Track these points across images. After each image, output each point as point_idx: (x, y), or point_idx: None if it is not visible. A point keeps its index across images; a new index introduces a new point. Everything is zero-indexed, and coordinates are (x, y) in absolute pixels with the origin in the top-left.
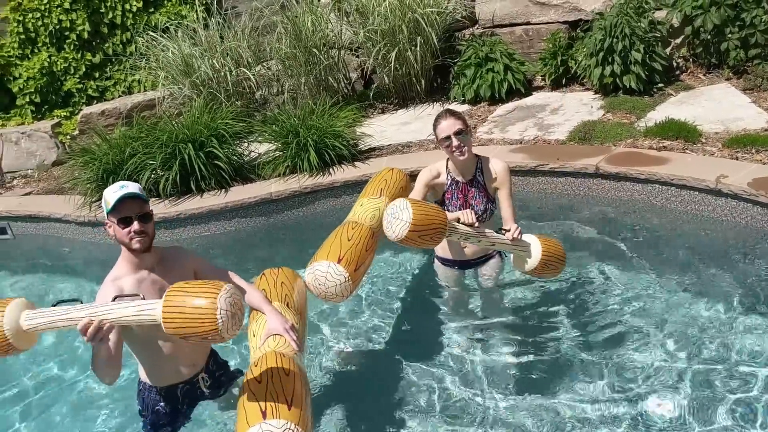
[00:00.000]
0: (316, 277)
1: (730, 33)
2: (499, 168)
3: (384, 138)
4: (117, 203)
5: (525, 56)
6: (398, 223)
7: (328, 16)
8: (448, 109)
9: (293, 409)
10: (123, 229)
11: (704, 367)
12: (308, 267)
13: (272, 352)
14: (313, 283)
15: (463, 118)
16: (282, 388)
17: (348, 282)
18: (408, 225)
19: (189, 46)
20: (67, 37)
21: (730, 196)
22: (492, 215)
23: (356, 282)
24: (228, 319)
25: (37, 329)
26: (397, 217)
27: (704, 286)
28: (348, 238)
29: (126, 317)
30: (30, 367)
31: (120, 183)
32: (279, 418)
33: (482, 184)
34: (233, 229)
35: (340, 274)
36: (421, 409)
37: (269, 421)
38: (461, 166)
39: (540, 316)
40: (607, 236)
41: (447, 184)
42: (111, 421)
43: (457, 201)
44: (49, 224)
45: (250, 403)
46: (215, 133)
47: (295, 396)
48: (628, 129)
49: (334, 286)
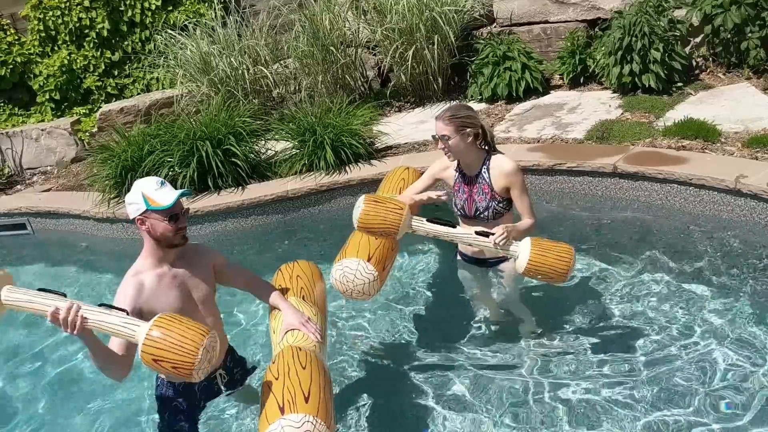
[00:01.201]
0: (345, 273)
1: (751, 32)
2: (506, 168)
3: (400, 136)
4: (174, 202)
5: (543, 55)
6: (354, 214)
7: (346, 14)
8: (446, 109)
9: (311, 401)
10: (170, 225)
11: (724, 368)
12: (336, 263)
13: (288, 347)
14: (340, 280)
15: (456, 122)
16: (299, 382)
17: (376, 281)
18: (356, 222)
19: (207, 44)
20: (87, 35)
21: (749, 196)
22: (498, 215)
23: (383, 281)
24: (204, 360)
25: (12, 305)
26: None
27: (723, 287)
28: (375, 237)
29: (105, 324)
30: (39, 362)
31: (155, 179)
32: (297, 412)
33: (487, 182)
34: (250, 227)
35: (369, 272)
36: (437, 403)
37: (287, 416)
38: (465, 161)
39: (558, 316)
40: (625, 236)
41: (455, 176)
42: (124, 417)
43: (463, 194)
44: (68, 220)
45: (269, 401)
46: (233, 130)
47: (313, 388)
48: (646, 128)
49: (362, 284)
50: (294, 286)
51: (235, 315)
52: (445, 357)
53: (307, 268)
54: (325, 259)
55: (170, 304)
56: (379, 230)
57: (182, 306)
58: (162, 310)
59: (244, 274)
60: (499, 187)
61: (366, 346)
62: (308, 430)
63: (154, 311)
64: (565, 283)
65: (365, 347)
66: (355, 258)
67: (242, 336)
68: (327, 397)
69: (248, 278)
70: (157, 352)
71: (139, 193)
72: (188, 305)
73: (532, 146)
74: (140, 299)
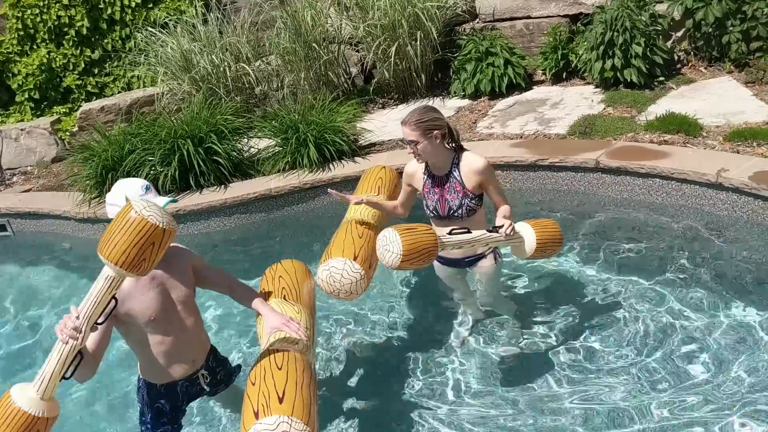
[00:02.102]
0: (332, 273)
1: (732, 26)
2: (477, 165)
3: (384, 133)
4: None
5: (525, 50)
6: (390, 255)
7: (328, 10)
8: (411, 113)
9: (286, 401)
10: None
11: (703, 360)
12: (322, 264)
13: (265, 351)
14: (327, 280)
15: (419, 126)
16: (273, 384)
17: (363, 280)
18: (399, 257)
19: (188, 42)
20: (66, 33)
21: (731, 189)
22: (471, 212)
23: (369, 280)
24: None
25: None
26: (389, 249)
27: (705, 280)
28: (359, 236)
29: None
30: (24, 364)
31: (139, 182)
32: (270, 415)
33: (458, 180)
34: (233, 225)
35: (356, 271)
36: (420, 404)
37: (261, 420)
38: (435, 162)
39: (540, 312)
40: (608, 231)
41: (424, 179)
42: (109, 419)
43: (434, 195)
44: (49, 221)
45: (245, 408)
46: (214, 128)
47: (288, 388)
48: (628, 123)
49: (349, 283)
50: (276, 287)
51: (217, 315)
52: (430, 357)
53: (290, 267)
54: (309, 257)
55: (148, 304)
56: (421, 259)
57: (161, 307)
58: (140, 311)
59: (224, 278)
60: (472, 185)
61: (349, 348)
62: (285, 430)
63: (132, 313)
64: (546, 280)
65: (349, 350)
66: (341, 257)
67: (224, 336)
68: (305, 393)
69: (228, 282)
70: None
71: (122, 197)
72: (167, 306)
73: (514, 142)
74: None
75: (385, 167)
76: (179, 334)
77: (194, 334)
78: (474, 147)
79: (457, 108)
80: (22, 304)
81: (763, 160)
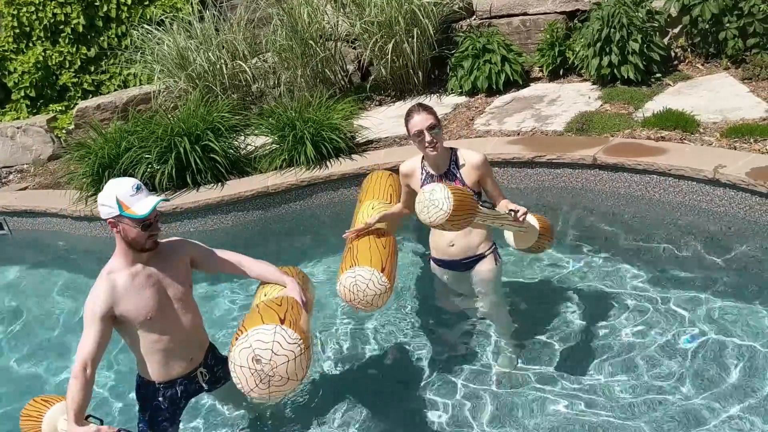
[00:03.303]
0: (357, 282)
1: (729, 22)
2: (475, 161)
3: (381, 131)
4: (150, 213)
5: (522, 47)
6: (437, 211)
7: (325, 7)
8: (420, 104)
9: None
10: (143, 232)
11: (702, 355)
12: (347, 270)
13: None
14: (350, 289)
15: (434, 112)
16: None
17: (386, 294)
18: (448, 213)
19: (184, 39)
20: (62, 30)
21: (728, 186)
22: None
23: (390, 295)
24: None
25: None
26: (437, 205)
27: (702, 276)
28: (383, 246)
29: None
30: (20, 361)
31: (130, 182)
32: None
33: (458, 177)
34: (230, 223)
35: (382, 284)
36: (414, 407)
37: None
38: (434, 159)
39: (540, 310)
40: (605, 227)
41: (422, 178)
42: (109, 418)
43: None
44: (46, 219)
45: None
46: (211, 126)
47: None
48: (625, 119)
49: (372, 295)
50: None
51: (216, 313)
52: (428, 358)
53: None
54: (306, 255)
55: (144, 303)
56: (462, 220)
57: (157, 304)
58: (136, 310)
59: (229, 257)
60: (472, 181)
61: (347, 350)
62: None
63: (127, 311)
64: (545, 277)
65: (346, 352)
66: (369, 267)
67: (224, 334)
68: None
69: (235, 259)
70: None
71: (112, 197)
72: (164, 303)
73: (512, 139)
74: (112, 299)
75: (392, 174)
76: (177, 333)
77: (192, 332)
78: (471, 144)
79: (454, 105)
80: (18, 302)
81: (760, 157)
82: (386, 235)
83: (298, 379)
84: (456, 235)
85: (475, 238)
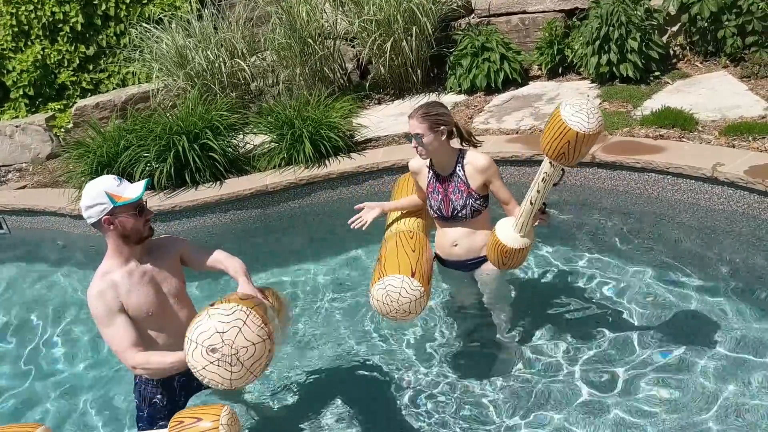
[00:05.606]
0: (388, 292)
1: (727, 20)
2: (481, 163)
3: (380, 129)
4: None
5: (521, 45)
6: (590, 118)
7: (323, 5)
8: (419, 106)
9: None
10: (140, 217)
11: (698, 356)
12: (377, 282)
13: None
14: (383, 300)
15: (427, 119)
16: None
17: (423, 297)
18: (599, 125)
19: (183, 38)
20: (61, 29)
21: (726, 184)
22: (476, 212)
23: (428, 298)
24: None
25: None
26: (591, 115)
27: (701, 275)
28: (412, 249)
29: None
30: (18, 360)
31: (110, 177)
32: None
33: (463, 180)
34: (229, 222)
35: (415, 288)
36: (414, 407)
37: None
38: (439, 160)
39: (544, 309)
40: (603, 226)
41: (429, 177)
42: (108, 416)
43: (438, 195)
44: (44, 218)
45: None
46: (210, 125)
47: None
48: (624, 118)
49: (408, 302)
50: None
51: None
52: (428, 357)
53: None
54: (304, 255)
55: (143, 300)
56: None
57: (154, 301)
58: (138, 306)
59: (209, 254)
60: (476, 184)
61: (348, 350)
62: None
63: (130, 308)
64: (545, 276)
65: (346, 352)
66: (398, 274)
67: None
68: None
69: (216, 256)
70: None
71: (101, 193)
72: (160, 300)
73: (511, 137)
74: (120, 296)
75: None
76: (174, 329)
77: None
78: None
79: (453, 103)
80: (17, 301)
81: (759, 155)
82: (414, 237)
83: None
84: (459, 235)
85: (479, 239)
